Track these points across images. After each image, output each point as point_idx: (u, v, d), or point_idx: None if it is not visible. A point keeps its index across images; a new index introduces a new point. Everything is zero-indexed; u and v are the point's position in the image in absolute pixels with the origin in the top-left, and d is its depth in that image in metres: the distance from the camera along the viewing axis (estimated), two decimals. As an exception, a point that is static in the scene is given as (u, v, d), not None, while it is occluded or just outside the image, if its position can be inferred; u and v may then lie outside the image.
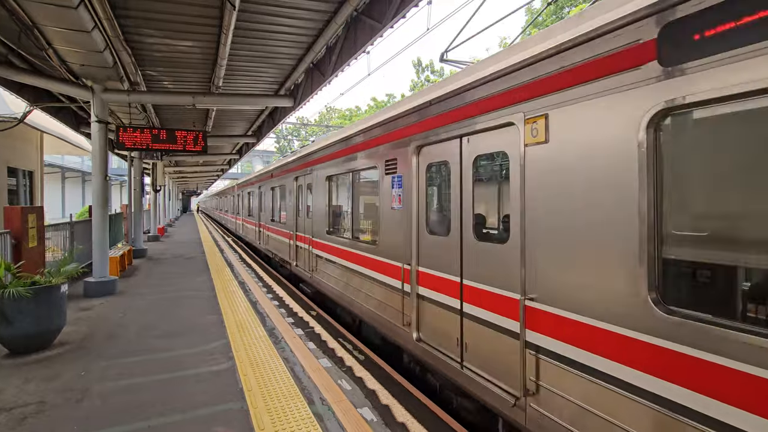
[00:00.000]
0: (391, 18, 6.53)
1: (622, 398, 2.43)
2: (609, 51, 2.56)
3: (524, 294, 3.13)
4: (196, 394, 4.11)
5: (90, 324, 6.54)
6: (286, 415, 3.66)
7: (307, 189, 9.06)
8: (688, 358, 2.13)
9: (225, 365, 4.81)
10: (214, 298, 8.13)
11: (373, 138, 5.76)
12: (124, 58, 7.92)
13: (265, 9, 6.82)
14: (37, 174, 14.41)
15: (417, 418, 3.66)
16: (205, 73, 9.61)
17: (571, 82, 2.80)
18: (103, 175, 8.79)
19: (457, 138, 3.96)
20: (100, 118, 8.64)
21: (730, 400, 1.97)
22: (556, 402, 2.87)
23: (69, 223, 10.11)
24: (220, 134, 16.59)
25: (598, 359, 2.58)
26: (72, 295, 8.04)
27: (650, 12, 2.31)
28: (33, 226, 7.31)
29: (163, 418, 3.66)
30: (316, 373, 4.58)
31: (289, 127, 58.16)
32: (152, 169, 20.21)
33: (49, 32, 6.28)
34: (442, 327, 4.20)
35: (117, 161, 34.26)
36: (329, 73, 8.92)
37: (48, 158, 23.80)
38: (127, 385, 4.32)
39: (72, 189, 43.82)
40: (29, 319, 5.16)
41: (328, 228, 7.75)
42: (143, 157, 16.38)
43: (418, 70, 42.09)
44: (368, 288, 5.85)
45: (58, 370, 4.73)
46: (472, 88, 3.71)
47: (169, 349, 5.39)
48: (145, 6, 6.52)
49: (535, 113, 3.07)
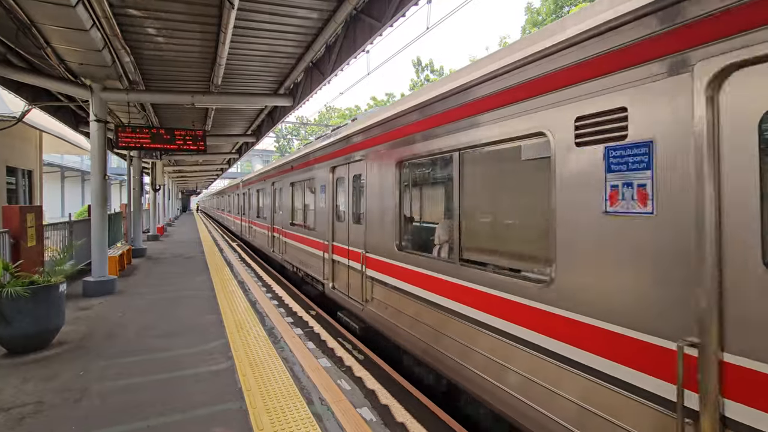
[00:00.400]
0: (391, 17, 6.51)
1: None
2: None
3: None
4: (195, 394, 4.10)
5: (89, 324, 6.53)
6: (285, 415, 3.65)
7: (353, 182, 6.59)
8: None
9: (224, 365, 4.80)
10: (213, 298, 8.12)
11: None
12: (123, 57, 7.90)
13: (265, 8, 6.80)
14: (36, 173, 14.38)
15: (416, 417, 3.65)
16: (205, 72, 9.58)
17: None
18: (102, 175, 8.77)
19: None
20: (99, 117, 8.62)
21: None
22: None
23: (68, 223, 10.10)
24: (219, 133, 16.56)
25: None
26: (71, 295, 8.03)
27: None
28: (32, 226, 7.30)
29: (162, 418, 3.65)
30: (316, 372, 4.57)
31: (288, 126, 58.15)
32: (151, 168, 20.21)
33: (47, 31, 6.25)
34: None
35: (116, 160, 34.26)
36: (329, 72, 8.90)
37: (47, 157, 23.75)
38: (126, 385, 4.31)
39: (71, 188, 43.80)
40: (28, 319, 5.14)
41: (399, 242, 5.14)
42: (142, 156, 16.34)
43: (417, 70, 42.07)
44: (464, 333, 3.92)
45: (57, 370, 4.72)
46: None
47: (168, 348, 5.37)
48: (143, 5, 6.49)
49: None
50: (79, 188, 45.50)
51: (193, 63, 9.02)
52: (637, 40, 2.33)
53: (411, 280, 4.71)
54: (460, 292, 3.84)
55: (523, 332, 3.09)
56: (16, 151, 12.83)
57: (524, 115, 3.10)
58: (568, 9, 27.25)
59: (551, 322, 2.83)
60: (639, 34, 2.32)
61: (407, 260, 4.82)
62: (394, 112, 5.07)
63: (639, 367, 2.27)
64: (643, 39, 2.30)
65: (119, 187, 45.57)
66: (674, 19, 2.16)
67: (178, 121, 14.44)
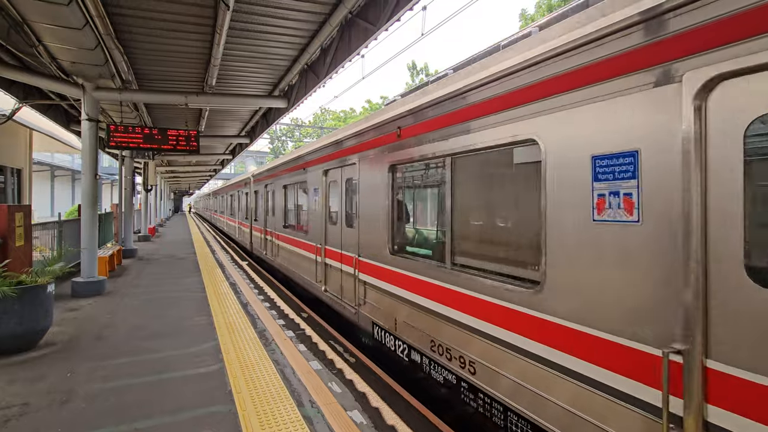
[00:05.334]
0: (386, 21, 6.55)
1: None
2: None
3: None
4: (184, 396, 4.07)
5: (77, 325, 6.45)
6: (275, 418, 3.63)
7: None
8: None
9: (214, 367, 4.77)
10: (204, 300, 8.06)
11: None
12: (116, 56, 7.85)
13: (260, 9, 6.81)
14: (25, 172, 14.20)
15: (406, 420, 3.65)
16: (199, 73, 9.55)
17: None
18: (93, 174, 8.69)
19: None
20: (90, 117, 8.55)
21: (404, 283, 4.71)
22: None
23: (57, 222, 9.98)
24: (213, 134, 16.48)
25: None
26: (59, 296, 7.93)
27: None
28: (20, 225, 7.20)
29: (149, 420, 3.61)
30: (307, 375, 4.55)
31: (283, 128, 57.98)
32: (144, 168, 20.00)
33: (39, 29, 6.20)
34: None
35: (108, 160, 33.95)
36: (323, 75, 8.92)
37: (37, 156, 23.51)
38: (114, 387, 4.26)
39: (61, 187, 43.29)
40: (15, 320, 5.07)
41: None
42: (134, 156, 16.23)
43: (412, 73, 42.24)
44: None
45: (44, 372, 4.65)
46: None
47: (157, 350, 5.32)
48: (138, 4, 6.47)
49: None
50: (70, 187, 44.99)
51: (188, 63, 8.99)
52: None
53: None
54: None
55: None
56: (5, 149, 12.68)
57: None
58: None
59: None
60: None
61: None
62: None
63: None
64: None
65: (111, 187, 45.13)
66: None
67: (171, 121, 14.35)
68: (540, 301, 2.87)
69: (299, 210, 9.63)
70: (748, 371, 1.83)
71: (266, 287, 9.46)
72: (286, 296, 8.78)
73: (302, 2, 6.59)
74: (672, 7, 2.11)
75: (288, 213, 10.46)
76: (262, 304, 7.77)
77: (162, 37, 7.64)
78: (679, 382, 2.04)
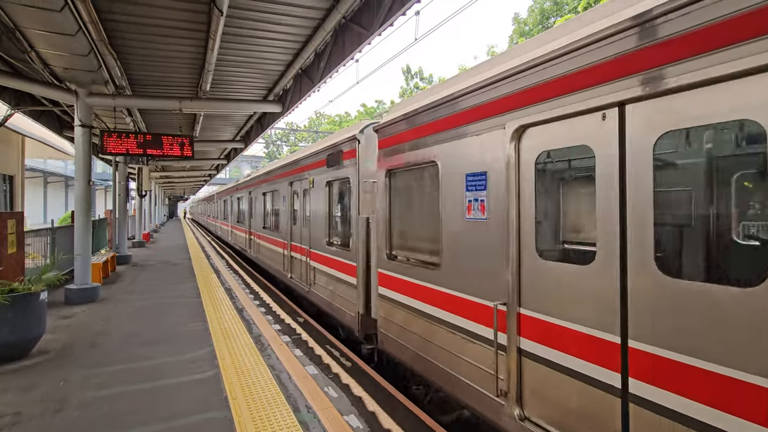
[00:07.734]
0: (380, 26, 6.59)
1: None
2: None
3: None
4: (180, 403, 4.04)
5: (70, 332, 6.39)
6: (271, 424, 3.62)
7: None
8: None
9: (210, 373, 4.74)
10: (199, 305, 8.02)
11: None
12: (110, 62, 7.83)
13: (254, 15, 6.83)
14: (17, 178, 14.09)
15: (402, 425, 3.65)
16: (193, 78, 9.54)
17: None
18: (87, 180, 8.63)
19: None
20: (84, 123, 8.51)
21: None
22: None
23: (50, 229, 9.89)
24: (207, 139, 16.45)
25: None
26: (53, 303, 7.85)
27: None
28: (12, 232, 7.14)
29: (144, 428, 3.59)
30: (303, 380, 4.54)
31: (278, 132, 57.93)
32: (138, 173, 19.90)
33: (31, 35, 6.18)
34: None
35: (101, 166, 33.75)
36: (318, 80, 8.94)
37: (29, 162, 23.30)
38: (108, 395, 4.22)
39: (54, 194, 42.90)
40: (7, 328, 5.02)
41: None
42: (128, 161, 16.13)
43: (407, 77, 42.46)
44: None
45: (36, 380, 4.60)
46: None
47: (152, 357, 5.29)
48: (131, 10, 6.46)
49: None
50: (63, 194, 44.60)
51: (182, 69, 8.99)
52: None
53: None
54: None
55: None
56: (-2, 155, 12.57)
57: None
58: (554, 20, 27.84)
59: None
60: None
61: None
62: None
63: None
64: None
65: (104, 193, 44.81)
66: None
67: (165, 126, 14.30)
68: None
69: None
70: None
71: (262, 292, 9.42)
72: (282, 300, 8.76)
73: (296, 7, 6.62)
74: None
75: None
76: (258, 309, 7.74)
77: (156, 43, 7.63)
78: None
